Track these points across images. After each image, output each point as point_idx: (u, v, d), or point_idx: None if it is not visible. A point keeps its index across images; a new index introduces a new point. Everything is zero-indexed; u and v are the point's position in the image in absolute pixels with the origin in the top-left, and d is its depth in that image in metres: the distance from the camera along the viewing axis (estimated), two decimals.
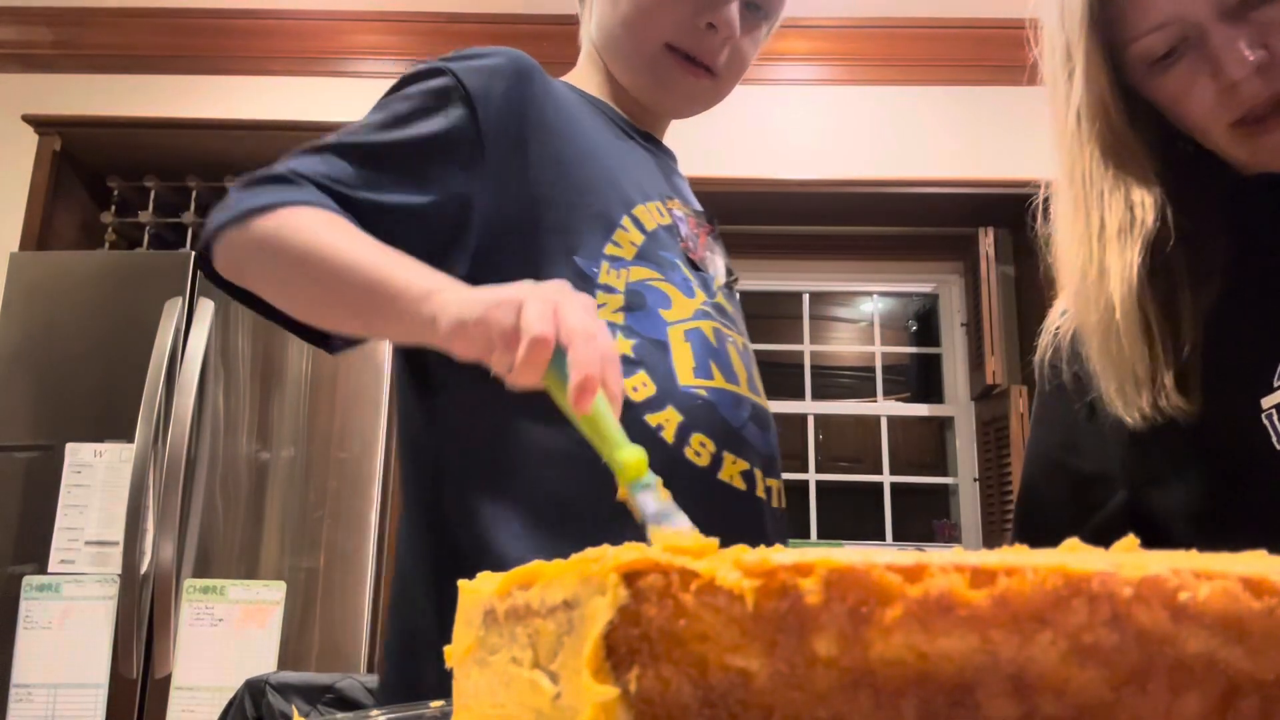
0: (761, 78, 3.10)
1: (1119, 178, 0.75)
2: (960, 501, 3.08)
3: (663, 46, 0.89)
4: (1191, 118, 0.72)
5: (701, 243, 0.92)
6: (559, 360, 0.56)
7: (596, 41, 0.96)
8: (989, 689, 0.24)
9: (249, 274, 0.73)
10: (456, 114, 0.79)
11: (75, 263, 2.38)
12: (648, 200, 0.87)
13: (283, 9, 3.06)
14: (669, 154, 1.00)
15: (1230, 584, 0.24)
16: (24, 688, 2.07)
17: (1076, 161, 0.76)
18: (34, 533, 2.16)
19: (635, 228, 0.84)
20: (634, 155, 0.91)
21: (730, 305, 0.92)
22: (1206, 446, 0.73)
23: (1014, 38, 0.87)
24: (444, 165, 0.79)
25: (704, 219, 0.96)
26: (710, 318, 0.85)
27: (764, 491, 0.83)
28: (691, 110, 0.96)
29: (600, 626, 0.25)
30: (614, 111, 0.94)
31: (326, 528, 2.17)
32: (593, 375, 0.54)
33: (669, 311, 0.82)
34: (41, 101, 2.92)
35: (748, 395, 0.85)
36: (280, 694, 1.32)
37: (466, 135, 0.79)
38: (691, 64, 0.90)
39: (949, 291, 3.20)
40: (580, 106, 0.89)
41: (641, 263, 0.83)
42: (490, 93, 0.81)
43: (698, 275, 0.88)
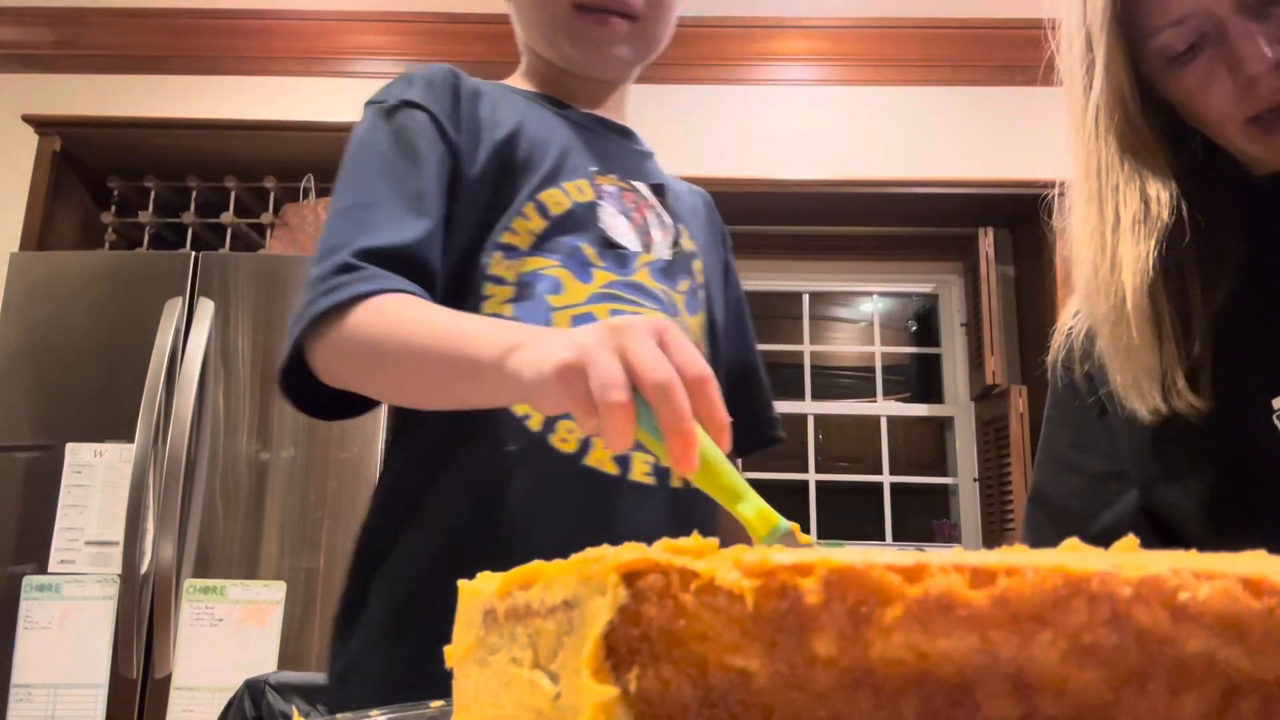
0: (761, 78, 3.10)
1: (1135, 171, 0.74)
2: (960, 501, 3.08)
3: (570, 8, 0.89)
4: (1207, 114, 0.72)
5: (638, 217, 0.91)
6: (645, 412, 0.52)
7: (520, 32, 0.98)
8: (989, 689, 0.24)
9: (347, 372, 0.75)
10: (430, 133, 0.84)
11: (75, 263, 2.38)
12: (569, 178, 0.88)
13: (283, 9, 3.06)
14: (623, 131, 0.99)
15: (1230, 584, 0.24)
16: (24, 688, 2.07)
17: (1093, 154, 0.75)
18: (34, 533, 2.16)
19: (538, 214, 0.85)
20: (561, 134, 0.91)
21: (658, 281, 0.90)
22: (1217, 445, 0.73)
23: (1014, 38, 0.88)
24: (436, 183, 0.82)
25: (647, 193, 0.94)
26: (612, 299, 0.85)
27: (647, 473, 0.82)
28: (626, 63, 0.95)
29: (600, 626, 0.25)
30: (547, 98, 0.95)
31: (326, 528, 2.17)
32: (687, 430, 0.51)
33: (558, 297, 0.83)
34: (41, 101, 2.92)
35: None
36: (280, 694, 1.32)
37: (442, 150, 0.84)
38: (604, 14, 0.90)
39: (949, 291, 3.21)
40: (506, 99, 0.91)
41: (538, 251, 0.84)
42: (441, 103, 0.85)
43: (612, 254, 0.87)
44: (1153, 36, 0.71)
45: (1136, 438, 0.79)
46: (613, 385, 0.52)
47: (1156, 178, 0.74)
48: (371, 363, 0.73)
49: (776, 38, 3.08)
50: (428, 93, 0.86)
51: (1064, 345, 0.86)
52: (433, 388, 0.73)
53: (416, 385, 0.73)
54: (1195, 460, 0.75)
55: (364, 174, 0.83)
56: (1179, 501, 0.76)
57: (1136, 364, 0.74)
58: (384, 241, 0.77)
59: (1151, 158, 0.74)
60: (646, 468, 0.83)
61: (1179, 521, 0.76)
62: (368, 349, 0.72)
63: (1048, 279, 2.79)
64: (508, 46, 1.01)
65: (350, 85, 3.05)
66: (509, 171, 0.86)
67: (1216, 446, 0.73)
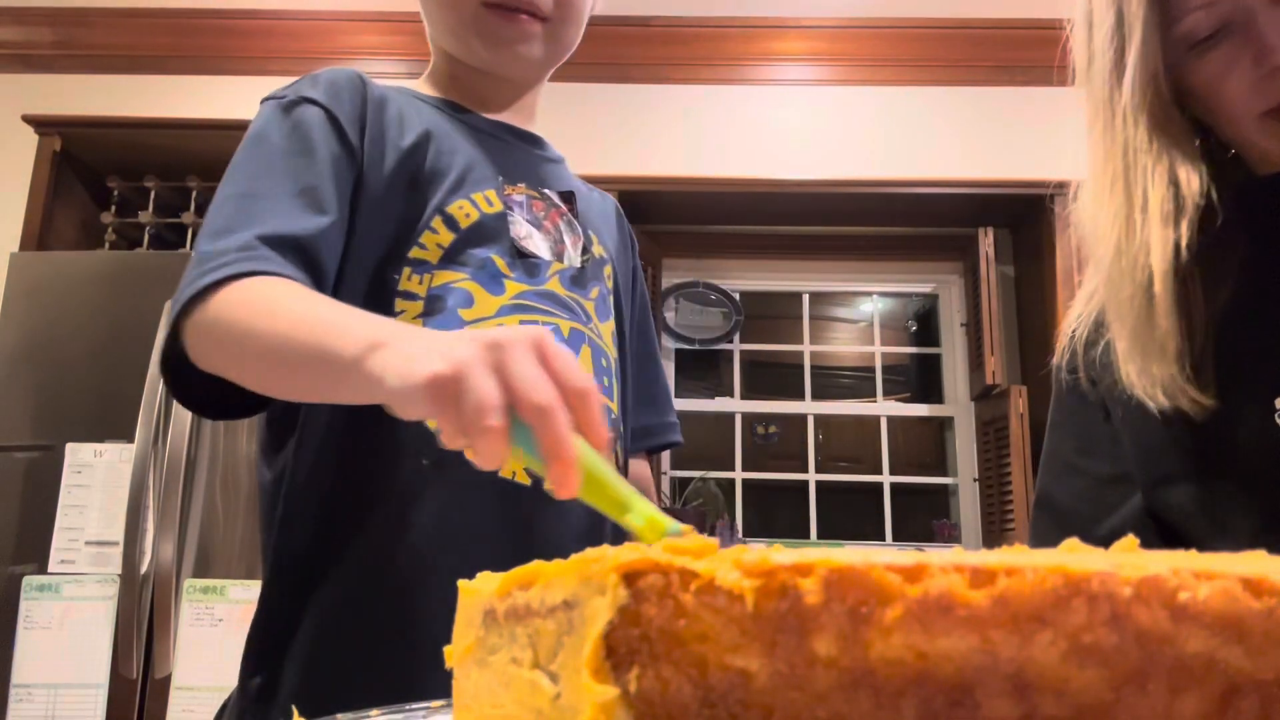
0: (761, 78, 3.10)
1: (1163, 151, 0.73)
2: (960, 501, 3.08)
3: (478, 6, 0.89)
4: (1225, 103, 0.72)
5: (548, 226, 0.91)
6: (523, 431, 0.50)
7: (429, 32, 0.97)
8: (989, 689, 0.24)
9: (215, 359, 0.71)
10: (323, 130, 0.82)
11: (75, 263, 2.38)
12: (477, 189, 0.87)
13: (283, 9, 3.06)
14: (530, 138, 0.98)
15: (1230, 584, 0.24)
16: (24, 688, 2.07)
17: (1118, 136, 0.75)
18: (34, 533, 2.16)
19: (446, 227, 0.84)
20: (467, 144, 0.90)
21: (568, 289, 0.89)
22: (1220, 446, 0.73)
23: (1014, 38, 0.88)
24: (333, 180, 0.80)
25: (557, 200, 0.94)
26: (522, 310, 0.85)
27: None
28: (537, 63, 0.94)
29: (600, 626, 0.25)
30: (455, 106, 0.94)
31: None
32: (567, 455, 0.48)
33: (469, 310, 0.82)
34: (41, 101, 2.92)
35: None
36: None
37: (336, 148, 0.82)
38: (512, 12, 0.89)
39: (949, 292, 3.21)
40: (410, 107, 0.90)
41: (446, 265, 0.83)
42: (340, 103, 0.84)
43: (523, 264, 0.86)
44: (1179, 20, 0.71)
45: (1139, 440, 0.79)
46: (488, 409, 0.49)
47: (1186, 160, 0.73)
48: (233, 347, 0.69)
49: (776, 38, 3.08)
50: (329, 93, 0.84)
51: (1067, 348, 0.86)
52: (292, 379, 0.68)
53: (276, 375, 0.69)
54: (1198, 462, 0.75)
55: (256, 165, 0.81)
56: (1182, 503, 0.76)
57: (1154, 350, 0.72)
58: (275, 229, 0.74)
59: (1182, 139, 0.74)
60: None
61: (1183, 524, 0.76)
62: (232, 331, 0.68)
63: (1048, 279, 2.79)
64: None
65: None
66: (416, 184, 0.85)
67: (1219, 448, 0.73)
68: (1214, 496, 0.74)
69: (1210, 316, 0.73)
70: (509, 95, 0.97)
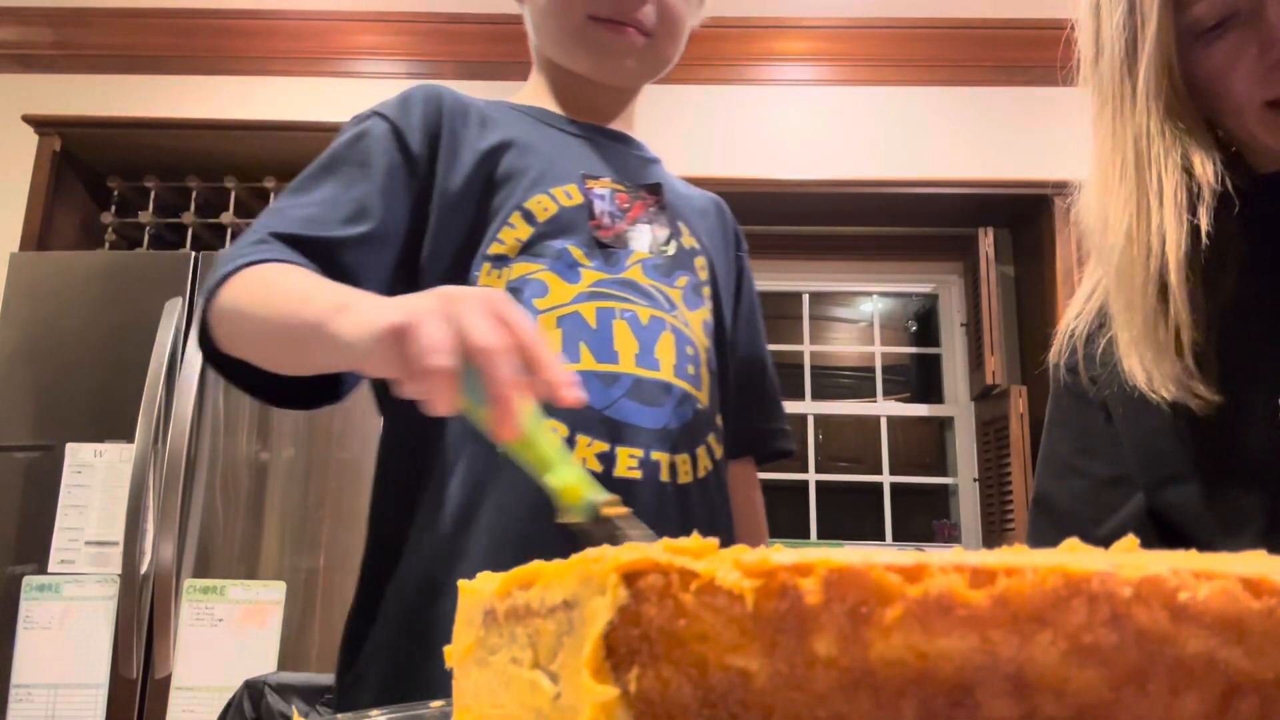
0: (761, 78, 3.10)
1: (1177, 139, 0.73)
2: (960, 502, 3.08)
3: (585, 18, 0.91)
4: (1230, 93, 0.71)
5: (631, 216, 0.91)
6: (473, 381, 0.52)
7: (533, 38, 0.98)
8: (989, 689, 0.24)
9: (234, 344, 0.74)
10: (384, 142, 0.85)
11: (75, 263, 2.38)
12: (557, 184, 0.88)
13: (283, 9, 3.06)
14: (621, 138, 0.99)
15: (1230, 584, 0.24)
16: (24, 688, 2.07)
17: (1130, 125, 0.74)
18: (34, 533, 2.16)
19: (524, 222, 0.86)
20: (551, 144, 0.92)
21: (651, 277, 0.90)
22: (1222, 446, 0.73)
23: (1014, 38, 0.88)
24: (383, 192, 0.82)
25: (642, 193, 0.95)
26: (599, 298, 0.85)
27: (632, 468, 0.82)
28: (635, 74, 0.96)
29: (600, 626, 0.25)
30: (545, 112, 0.96)
31: (326, 528, 2.17)
32: (505, 398, 0.51)
33: (543, 299, 0.83)
34: (41, 101, 2.92)
35: (629, 371, 0.84)
36: (280, 694, 1.32)
37: (396, 159, 0.84)
38: (618, 24, 0.91)
39: (949, 291, 3.21)
40: (497, 115, 0.92)
41: (524, 257, 0.85)
42: (409, 116, 0.87)
43: (602, 253, 0.87)
44: (1187, 8, 0.71)
45: (1141, 440, 0.78)
46: (437, 350, 0.51)
47: (1200, 148, 0.72)
48: (241, 328, 0.73)
49: (776, 38, 3.08)
50: (399, 107, 0.87)
51: (1066, 346, 0.85)
52: (285, 353, 0.72)
53: (273, 352, 0.73)
54: (1202, 461, 0.75)
55: (310, 174, 0.83)
56: (1184, 503, 0.76)
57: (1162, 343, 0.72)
58: (294, 229, 0.77)
59: (1195, 128, 0.73)
60: (633, 462, 0.82)
61: (1185, 524, 0.76)
62: (238, 314, 0.72)
63: (1048, 279, 2.79)
64: (507, 46, 1.02)
65: (350, 85, 3.05)
66: (493, 184, 0.87)
67: (1221, 447, 0.73)
68: (1220, 495, 0.73)
69: (1212, 312, 0.72)
70: (610, 102, 0.99)
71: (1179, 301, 0.71)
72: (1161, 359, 0.72)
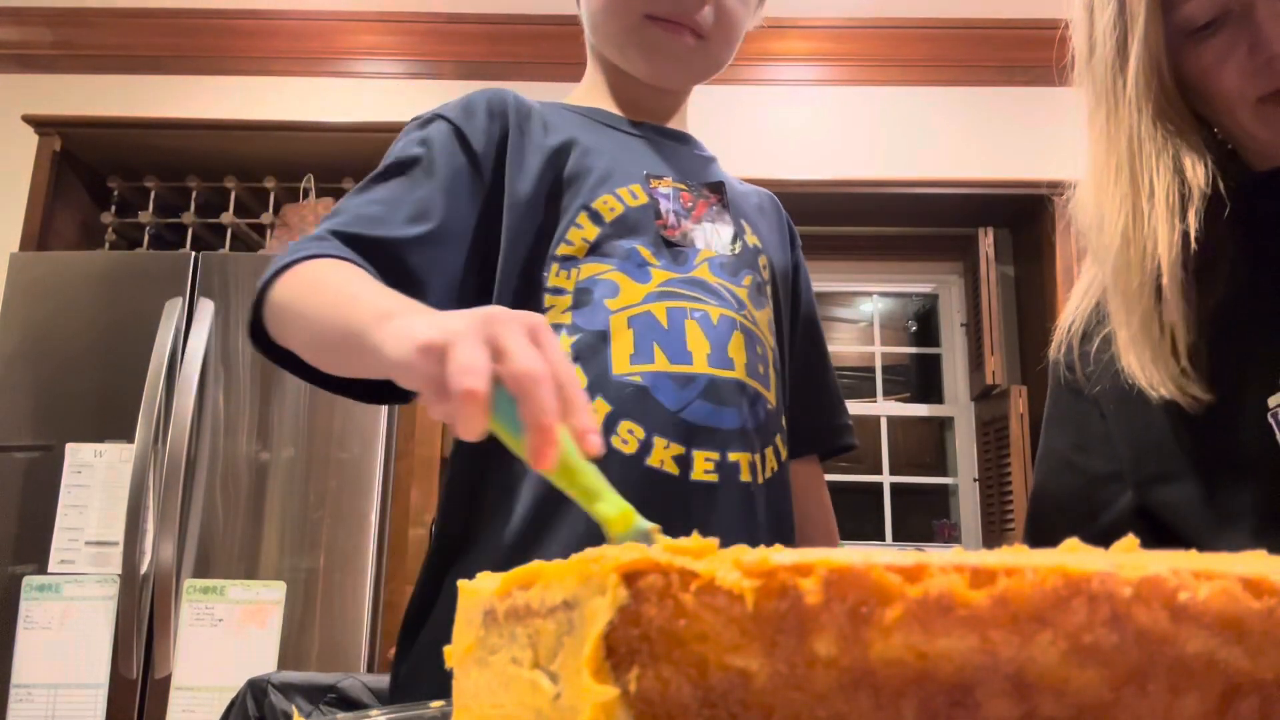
0: (761, 78, 3.10)
1: (1169, 140, 0.73)
2: (960, 501, 3.08)
3: (642, 18, 0.90)
4: (1222, 91, 0.72)
5: (696, 215, 0.91)
6: (506, 405, 0.50)
7: (590, 37, 0.98)
8: (989, 689, 0.24)
9: (284, 336, 0.74)
10: (447, 144, 0.84)
11: (75, 263, 2.38)
12: (622, 184, 0.88)
13: (283, 9, 3.06)
14: (679, 137, 1.00)
15: (1230, 584, 0.24)
16: (24, 688, 2.07)
17: (1122, 125, 0.74)
18: (34, 533, 2.16)
19: (591, 222, 0.85)
20: (613, 144, 0.92)
21: (719, 276, 0.89)
22: (1213, 444, 0.73)
23: (1014, 38, 0.88)
24: (446, 193, 0.82)
25: (705, 191, 0.95)
26: (669, 297, 0.85)
27: (709, 471, 0.82)
28: (687, 75, 0.97)
29: (600, 627, 0.25)
30: (603, 112, 0.96)
31: (326, 528, 2.17)
32: (548, 426, 0.48)
33: (614, 300, 0.83)
34: (41, 101, 2.92)
35: (704, 371, 0.83)
36: (283, 693, 1.32)
37: (459, 161, 0.84)
38: (675, 25, 0.91)
39: (949, 291, 3.21)
40: (558, 117, 0.92)
41: (593, 258, 0.84)
42: (473, 119, 0.86)
43: (670, 252, 0.87)
44: (1177, 7, 0.71)
45: (1133, 437, 0.79)
46: (470, 371, 0.49)
47: (1191, 150, 0.73)
48: (289, 323, 0.72)
49: (776, 38, 3.08)
50: (463, 110, 0.87)
51: (1064, 343, 0.85)
52: (329, 354, 0.70)
53: (320, 348, 0.71)
54: (1191, 460, 0.75)
55: (377, 176, 0.83)
56: (1175, 502, 0.76)
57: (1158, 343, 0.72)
58: (365, 230, 0.77)
59: (1186, 128, 0.73)
60: (709, 465, 0.82)
61: (1175, 522, 0.76)
62: (287, 309, 0.71)
63: (1048, 279, 2.79)
64: (508, 46, 1.02)
65: (350, 85, 3.05)
66: (560, 185, 0.87)
67: (1212, 445, 0.73)
68: (1210, 494, 0.73)
69: (1205, 312, 0.72)
70: (664, 102, 0.99)
71: (1172, 303, 0.71)
72: (1157, 359, 0.72)
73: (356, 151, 2.67)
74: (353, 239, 0.76)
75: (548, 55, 2.88)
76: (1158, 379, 0.72)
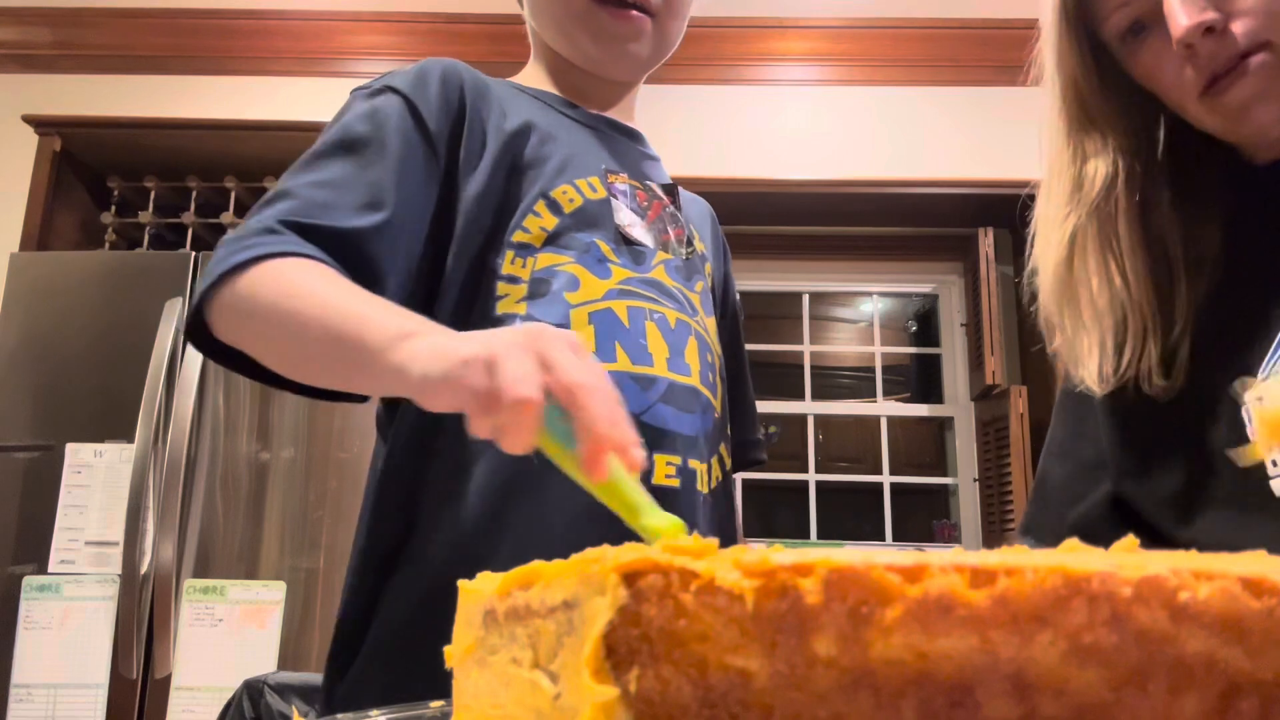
0: (761, 78, 3.10)
1: (1079, 148, 0.77)
2: (960, 502, 3.08)
3: (589, 2, 0.87)
4: (1166, 90, 0.74)
5: (651, 216, 0.90)
6: (554, 418, 0.50)
7: (533, 24, 0.95)
8: (989, 689, 0.24)
9: (239, 336, 0.70)
10: (399, 120, 0.79)
11: (75, 263, 2.38)
12: (580, 175, 0.85)
13: (283, 9, 3.06)
14: (628, 132, 0.97)
15: (1230, 584, 0.24)
16: (24, 688, 2.07)
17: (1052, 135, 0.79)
18: (34, 533, 2.16)
19: (549, 211, 0.83)
20: (570, 133, 0.89)
21: (674, 279, 0.87)
22: (1187, 436, 0.74)
23: (1014, 38, 0.89)
24: (399, 174, 0.77)
25: (660, 192, 0.93)
26: (630, 296, 0.83)
27: (670, 476, 0.80)
28: (639, 60, 0.92)
29: (600, 627, 0.25)
30: (557, 98, 0.93)
31: (326, 528, 2.17)
32: (604, 436, 0.48)
33: (574, 294, 0.80)
34: (41, 101, 2.92)
35: (663, 375, 0.81)
36: (279, 694, 1.32)
37: (413, 139, 0.79)
38: (622, 8, 0.88)
39: (949, 292, 3.21)
40: (513, 97, 0.88)
41: (551, 248, 0.81)
42: (426, 90, 0.81)
43: (628, 250, 0.85)
44: (1104, 22, 0.74)
45: (1112, 427, 0.80)
46: (524, 380, 0.49)
47: (1097, 156, 0.76)
48: (259, 327, 0.68)
49: (776, 38, 3.08)
50: (415, 81, 0.81)
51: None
52: (317, 364, 0.67)
53: (300, 359, 0.68)
54: (1164, 449, 0.76)
55: (324, 152, 0.77)
56: (1148, 490, 0.77)
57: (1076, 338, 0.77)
58: (321, 220, 0.72)
59: (1096, 136, 0.76)
60: (670, 470, 0.80)
61: (1146, 510, 0.77)
62: (258, 311, 0.67)
63: None
64: (507, 46, 1.02)
65: (350, 85, 3.05)
66: (517, 169, 0.83)
67: (1186, 438, 0.74)
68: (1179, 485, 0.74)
69: (1190, 302, 0.74)
70: (612, 93, 0.96)
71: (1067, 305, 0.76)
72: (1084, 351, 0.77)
73: None
74: (307, 229, 0.70)
75: None
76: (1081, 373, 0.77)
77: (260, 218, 0.71)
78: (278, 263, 0.67)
